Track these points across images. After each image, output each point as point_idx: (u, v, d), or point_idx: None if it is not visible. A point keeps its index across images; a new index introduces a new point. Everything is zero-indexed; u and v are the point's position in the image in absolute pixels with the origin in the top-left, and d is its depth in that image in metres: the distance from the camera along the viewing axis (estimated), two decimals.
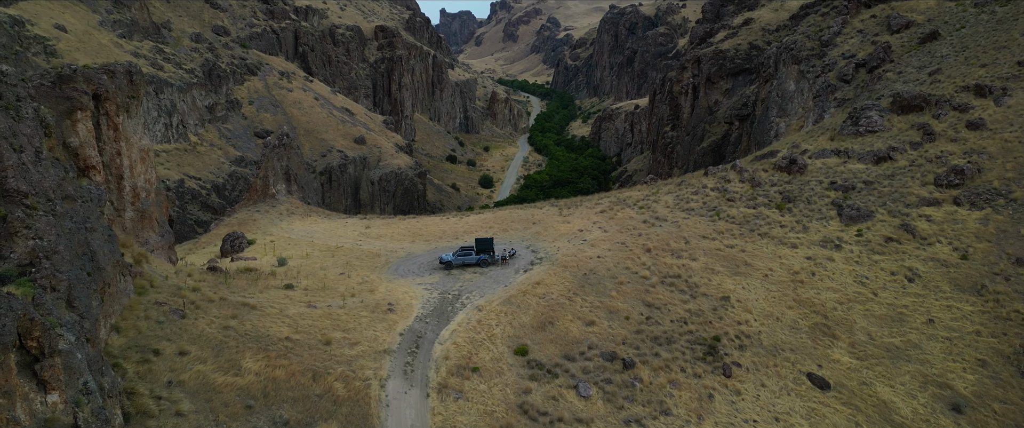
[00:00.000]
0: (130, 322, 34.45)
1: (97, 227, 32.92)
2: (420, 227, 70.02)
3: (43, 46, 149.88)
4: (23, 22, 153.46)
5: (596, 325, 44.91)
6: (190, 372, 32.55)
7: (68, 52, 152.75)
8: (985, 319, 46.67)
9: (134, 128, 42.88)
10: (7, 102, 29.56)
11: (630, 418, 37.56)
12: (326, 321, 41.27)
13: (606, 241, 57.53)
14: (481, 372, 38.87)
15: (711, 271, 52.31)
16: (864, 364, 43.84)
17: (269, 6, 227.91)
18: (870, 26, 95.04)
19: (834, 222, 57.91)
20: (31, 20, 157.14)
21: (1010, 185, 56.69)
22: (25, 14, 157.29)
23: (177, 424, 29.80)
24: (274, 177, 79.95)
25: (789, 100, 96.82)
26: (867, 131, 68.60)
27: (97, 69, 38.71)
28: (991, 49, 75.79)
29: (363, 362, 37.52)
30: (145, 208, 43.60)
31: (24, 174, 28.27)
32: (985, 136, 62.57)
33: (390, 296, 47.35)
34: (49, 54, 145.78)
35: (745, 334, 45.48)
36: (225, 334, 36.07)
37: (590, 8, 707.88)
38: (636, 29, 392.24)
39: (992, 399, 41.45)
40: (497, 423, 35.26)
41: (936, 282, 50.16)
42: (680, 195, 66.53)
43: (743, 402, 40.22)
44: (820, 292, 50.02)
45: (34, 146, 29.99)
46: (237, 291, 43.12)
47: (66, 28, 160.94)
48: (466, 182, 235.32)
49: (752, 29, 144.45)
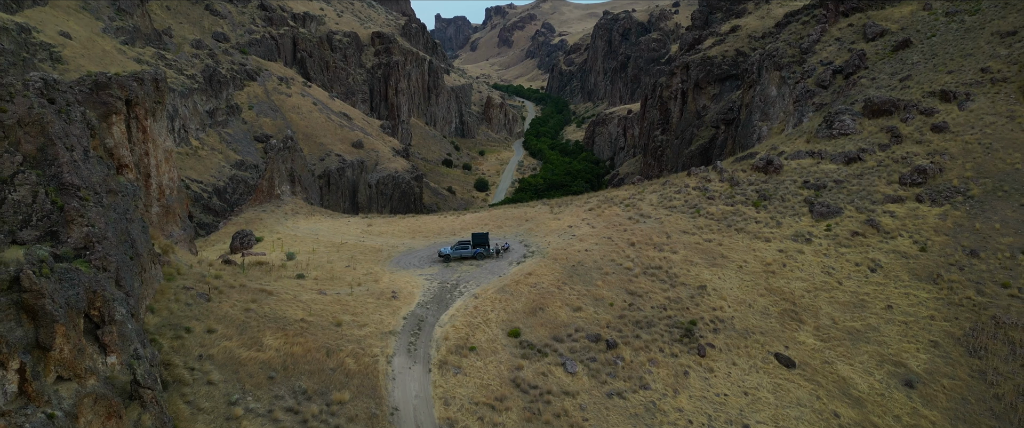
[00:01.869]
0: (162, 304, 38.40)
1: (135, 218, 36.87)
2: (419, 225, 74.06)
3: (49, 53, 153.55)
4: (29, 29, 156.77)
5: (583, 311, 48.98)
6: (218, 347, 36.51)
7: (73, 58, 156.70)
8: (939, 305, 50.94)
9: (159, 131, 46.86)
10: (59, 107, 33.53)
11: (612, 392, 41.62)
12: (336, 306, 45.26)
13: (593, 236, 61.66)
14: (478, 351, 42.88)
15: (690, 263, 56.48)
16: (827, 345, 48.03)
17: (268, 13, 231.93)
18: (847, 34, 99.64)
19: (806, 218, 62.18)
20: (37, 27, 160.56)
21: (968, 183, 61.07)
22: (31, 21, 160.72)
23: (209, 391, 33.76)
24: (279, 178, 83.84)
25: (771, 105, 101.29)
26: (840, 134, 72.96)
27: (128, 77, 42.67)
28: (958, 56, 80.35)
29: (371, 341, 41.51)
30: (169, 204, 47.54)
31: (76, 170, 32.21)
32: (948, 138, 67.00)
33: (393, 285, 51.38)
34: (55, 60, 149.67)
35: (719, 319, 49.61)
36: (247, 315, 40.03)
37: (584, 14, 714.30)
38: (630, 35, 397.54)
39: (942, 376, 45.66)
40: (492, 395, 39.29)
41: (896, 272, 54.43)
42: (664, 194, 70.77)
43: (715, 378, 44.33)
44: (790, 281, 54.23)
45: (83, 145, 33.94)
46: (254, 280, 47.09)
47: (71, 35, 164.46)
48: (462, 185, 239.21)
49: (739, 36, 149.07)
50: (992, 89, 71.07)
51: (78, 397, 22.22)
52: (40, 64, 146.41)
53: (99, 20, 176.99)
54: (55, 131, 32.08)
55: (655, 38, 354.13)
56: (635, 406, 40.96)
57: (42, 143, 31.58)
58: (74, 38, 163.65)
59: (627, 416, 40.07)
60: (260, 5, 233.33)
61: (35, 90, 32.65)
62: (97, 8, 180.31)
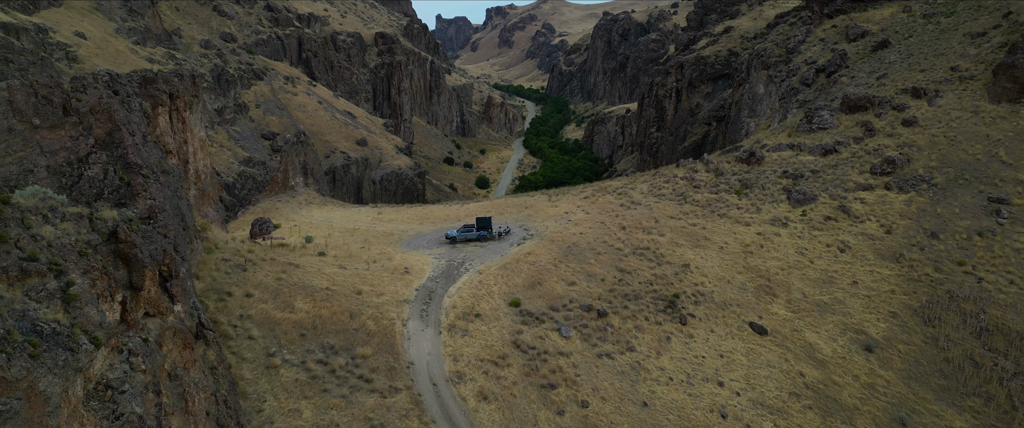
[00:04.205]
0: (206, 272, 43.65)
1: (182, 196, 42.11)
2: (426, 213, 79.32)
3: (65, 52, 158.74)
4: (46, 30, 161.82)
5: (577, 285, 54.22)
6: (256, 309, 41.77)
7: (88, 58, 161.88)
8: (900, 280, 56.20)
9: (195, 122, 52.11)
10: (122, 97, 38.77)
11: (602, 353, 46.85)
12: (355, 278, 50.51)
13: (588, 221, 66.90)
14: (482, 317, 48.13)
15: (676, 244, 61.72)
16: (797, 316, 53.28)
17: (274, 14, 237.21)
18: (831, 35, 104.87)
19: (783, 205, 67.42)
20: (53, 28, 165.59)
21: (933, 173, 66.32)
22: (47, 22, 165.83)
23: (250, 345, 39.03)
24: (293, 171, 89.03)
25: (759, 102, 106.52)
26: (819, 128, 78.20)
27: (171, 73, 47.93)
28: (931, 56, 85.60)
29: (388, 308, 46.76)
30: (205, 188, 52.78)
31: (138, 151, 37.44)
32: (916, 132, 72.24)
33: (405, 262, 56.65)
34: (71, 60, 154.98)
35: (700, 292, 54.85)
36: (279, 283, 45.29)
37: (584, 15, 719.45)
38: (629, 36, 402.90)
39: (898, 342, 50.92)
40: (495, 354, 44.53)
41: (863, 252, 59.68)
42: (654, 184, 76.02)
43: (695, 343, 49.56)
44: (766, 260, 59.47)
45: (141, 131, 39.17)
46: (281, 256, 52.34)
47: (85, 35, 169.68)
48: (463, 183, 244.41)
49: (732, 37, 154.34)
50: (960, 86, 76.31)
51: (161, 329, 27.39)
52: (57, 63, 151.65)
53: (112, 21, 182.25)
54: (120, 118, 37.32)
55: (654, 39, 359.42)
56: (622, 365, 46.18)
57: (110, 128, 36.84)
58: (89, 38, 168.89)
59: (615, 373, 45.30)
60: (266, 6, 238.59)
61: (103, 83, 37.88)
62: (110, 9, 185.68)
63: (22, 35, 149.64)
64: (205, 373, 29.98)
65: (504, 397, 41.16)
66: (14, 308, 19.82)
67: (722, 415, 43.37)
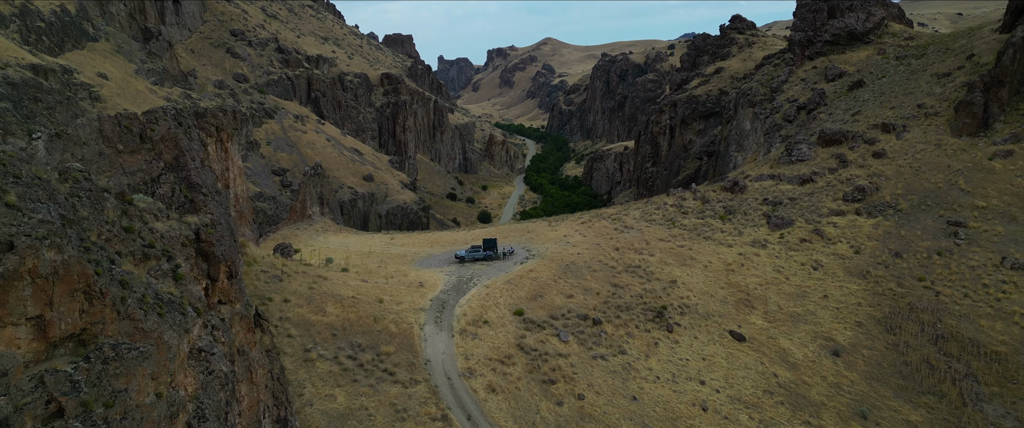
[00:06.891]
0: (248, 281, 49.78)
1: (230, 214, 48.52)
2: (436, 238, 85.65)
3: (89, 91, 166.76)
4: (71, 70, 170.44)
5: (574, 298, 60.23)
6: (293, 312, 47.82)
7: (110, 97, 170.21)
8: (866, 295, 62.21)
9: (235, 151, 58.82)
10: (185, 128, 45.49)
11: (596, 355, 52.66)
12: (376, 290, 56.59)
13: (584, 243, 73.15)
14: (490, 324, 54.06)
15: (664, 263, 67.87)
16: (772, 325, 59.16)
17: (284, 55, 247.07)
18: (811, 75, 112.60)
19: (763, 228, 73.75)
20: (78, 69, 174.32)
21: (899, 199, 72.80)
22: (72, 63, 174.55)
23: (290, 342, 44.98)
24: (310, 200, 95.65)
25: (746, 137, 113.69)
26: (798, 160, 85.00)
27: (217, 109, 54.82)
28: (901, 94, 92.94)
29: (406, 314, 52.76)
30: (242, 210, 59.23)
31: (198, 173, 43.99)
32: (885, 163, 78.98)
33: (420, 278, 62.77)
34: (94, 99, 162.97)
35: (686, 305, 60.82)
36: (311, 291, 51.40)
37: (583, 56, 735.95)
38: (627, 76, 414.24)
39: (863, 347, 56.72)
40: (502, 354, 50.37)
41: (834, 270, 65.80)
42: (645, 210, 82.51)
43: (680, 347, 55.38)
44: (746, 277, 65.55)
45: (200, 157, 45.79)
46: (310, 271, 58.52)
47: (107, 76, 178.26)
48: (466, 217, 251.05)
49: (722, 77, 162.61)
50: (925, 122, 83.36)
51: (231, 314, 33.47)
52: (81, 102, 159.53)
53: (132, 62, 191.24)
54: (184, 145, 43.97)
55: (651, 79, 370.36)
56: (614, 365, 51.96)
57: (176, 153, 43.46)
58: (110, 78, 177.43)
59: (608, 372, 51.07)
60: (277, 48, 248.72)
61: (170, 115, 44.64)
62: (130, 52, 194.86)
63: (50, 75, 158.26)
64: (263, 354, 35.95)
65: (510, 390, 46.89)
66: (140, 282, 25.93)
67: (703, 408, 49.02)
